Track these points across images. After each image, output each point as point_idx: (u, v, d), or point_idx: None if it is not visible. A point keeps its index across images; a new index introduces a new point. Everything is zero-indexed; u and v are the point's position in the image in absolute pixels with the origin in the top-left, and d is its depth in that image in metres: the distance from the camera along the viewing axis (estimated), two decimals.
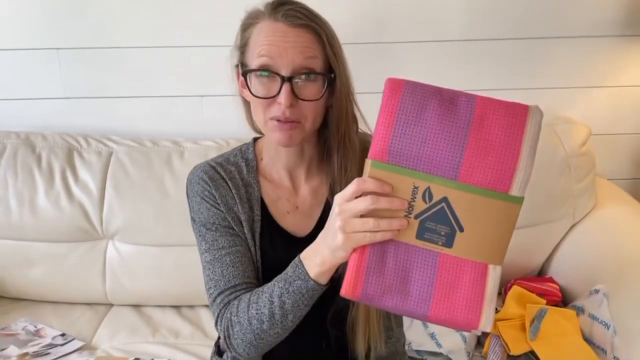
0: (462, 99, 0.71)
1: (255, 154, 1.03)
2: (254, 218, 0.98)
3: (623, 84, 1.75)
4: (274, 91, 0.88)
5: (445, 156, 0.70)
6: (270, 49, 0.87)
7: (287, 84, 0.86)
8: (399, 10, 1.66)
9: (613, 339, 1.26)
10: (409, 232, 0.71)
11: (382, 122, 0.71)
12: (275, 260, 0.93)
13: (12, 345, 1.42)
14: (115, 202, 1.56)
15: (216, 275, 0.94)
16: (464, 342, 1.36)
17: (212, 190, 0.97)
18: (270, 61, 0.87)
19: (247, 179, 1.00)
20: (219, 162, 1.02)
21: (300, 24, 0.88)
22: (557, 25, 1.69)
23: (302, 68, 0.88)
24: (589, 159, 1.64)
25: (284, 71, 0.87)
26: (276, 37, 0.88)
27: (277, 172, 1.02)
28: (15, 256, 1.59)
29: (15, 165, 1.57)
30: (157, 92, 1.75)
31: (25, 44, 1.69)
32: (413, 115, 0.70)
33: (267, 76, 0.88)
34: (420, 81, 0.73)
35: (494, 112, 0.70)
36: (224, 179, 0.99)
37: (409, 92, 0.71)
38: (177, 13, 1.66)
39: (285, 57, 0.87)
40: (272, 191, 1.01)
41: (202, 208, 0.98)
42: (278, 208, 1.01)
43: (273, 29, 0.89)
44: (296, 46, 0.87)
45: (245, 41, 0.93)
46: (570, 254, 1.60)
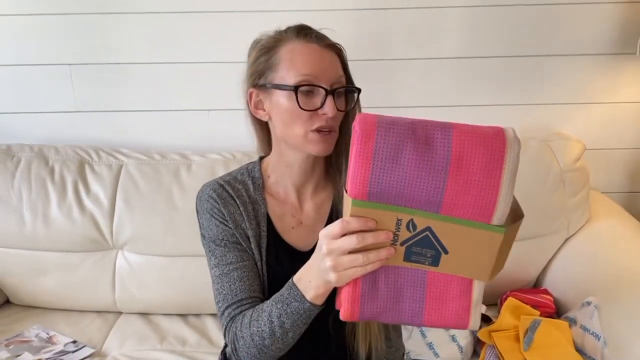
0: (438, 137, 0.69)
1: (262, 172, 1.09)
2: (261, 234, 1.04)
3: (617, 101, 1.80)
4: (317, 104, 0.96)
5: (426, 195, 0.69)
6: (312, 66, 0.96)
7: (330, 96, 0.95)
8: (398, 28, 1.72)
9: (603, 350, 1.31)
10: (396, 256, 0.76)
11: (358, 164, 0.69)
12: (281, 274, 0.98)
13: (26, 351, 1.48)
14: (125, 214, 1.62)
15: (224, 290, 0.99)
16: (460, 352, 1.42)
17: (221, 208, 1.03)
18: (314, 78, 0.95)
19: (254, 197, 1.06)
20: (226, 181, 1.07)
21: (329, 45, 0.99)
22: (552, 43, 1.74)
23: (336, 83, 0.97)
24: (583, 174, 1.69)
25: (325, 84, 0.96)
26: (314, 57, 0.97)
27: (284, 189, 1.08)
28: (28, 265, 1.64)
29: (29, 177, 1.63)
30: (166, 107, 1.81)
31: (39, 60, 1.76)
32: (389, 160, 0.69)
33: (309, 91, 0.96)
34: (390, 115, 0.71)
35: (472, 148, 0.68)
36: (232, 196, 1.04)
37: (382, 135, 0.68)
38: (184, 31, 1.73)
39: (325, 73, 0.96)
40: (277, 207, 1.07)
41: (212, 225, 1.03)
42: (283, 224, 1.06)
43: (309, 49, 0.97)
44: (331, 64, 0.98)
45: (273, 60, 0.99)
46: (565, 266, 1.65)
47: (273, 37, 1.01)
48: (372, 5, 1.70)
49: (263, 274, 1.03)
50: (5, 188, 1.61)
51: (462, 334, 1.44)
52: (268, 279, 1.03)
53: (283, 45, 0.98)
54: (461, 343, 1.42)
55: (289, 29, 1.01)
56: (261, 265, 1.03)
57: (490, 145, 0.68)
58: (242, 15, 1.70)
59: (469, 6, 1.70)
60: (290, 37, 0.99)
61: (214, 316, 1.66)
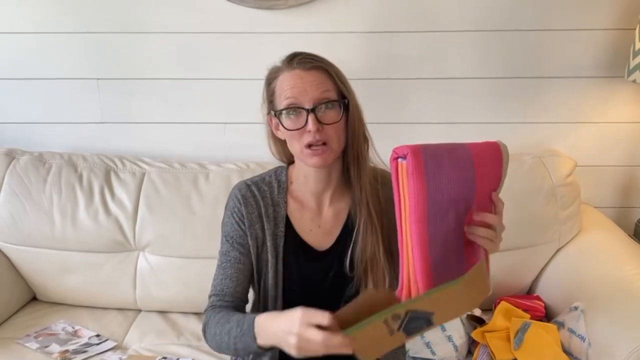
0: (459, 147, 0.93)
1: (287, 177, 1.23)
2: (278, 234, 1.18)
3: (607, 121, 1.91)
4: (302, 122, 1.08)
5: (464, 189, 0.91)
6: (293, 91, 1.09)
7: (311, 114, 1.07)
8: (405, 50, 1.84)
9: (588, 351, 1.41)
10: (401, 338, 0.89)
11: (414, 179, 0.88)
12: (296, 269, 1.15)
13: (54, 343, 1.59)
14: (147, 218, 1.73)
15: (217, 280, 1.19)
16: (455, 350, 1.52)
17: (242, 208, 1.18)
18: (295, 100, 1.09)
19: (277, 199, 1.20)
20: (255, 181, 1.23)
21: (312, 67, 1.11)
22: (547, 66, 1.85)
23: (320, 100, 1.09)
24: (574, 189, 1.80)
25: (307, 105, 1.08)
26: (296, 81, 1.10)
27: (304, 196, 1.21)
28: (56, 264, 1.76)
29: (60, 182, 1.75)
30: (185, 120, 1.94)
31: (69, 74, 1.90)
32: (436, 168, 0.89)
33: (294, 113, 1.09)
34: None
35: (482, 151, 0.94)
36: (256, 197, 1.19)
37: (425, 151, 0.89)
38: (202, 50, 1.85)
39: (306, 94, 1.08)
40: (297, 210, 1.20)
41: (229, 222, 1.20)
42: (302, 225, 1.20)
43: (292, 75, 1.11)
44: (312, 84, 1.09)
45: (271, 92, 1.16)
46: (556, 275, 1.75)
47: (273, 70, 1.16)
48: (381, 29, 1.82)
49: (278, 269, 1.16)
50: (37, 192, 1.73)
51: (457, 335, 1.54)
52: (284, 273, 1.17)
53: (278, 76, 1.13)
54: (456, 343, 1.53)
55: (283, 60, 1.15)
56: (276, 262, 1.16)
57: (492, 147, 0.96)
58: (256, 36, 1.83)
59: (470, 31, 1.82)
60: (283, 68, 1.13)
61: None
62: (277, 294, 1.18)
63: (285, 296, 1.18)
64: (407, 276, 0.91)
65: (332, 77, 1.12)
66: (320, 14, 1.80)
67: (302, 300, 1.10)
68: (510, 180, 1.71)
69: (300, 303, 1.10)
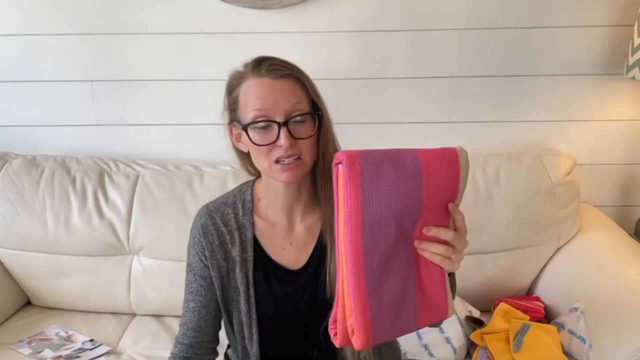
0: (407, 154, 0.81)
1: (253, 195, 1.13)
2: (247, 258, 1.10)
3: (606, 119, 1.89)
4: (273, 137, 0.97)
5: (409, 202, 0.80)
6: (262, 101, 0.97)
7: (284, 127, 0.96)
8: (399, 49, 1.82)
9: (589, 352, 1.39)
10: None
11: (349, 189, 0.77)
12: (268, 294, 1.08)
13: (47, 348, 1.58)
14: (141, 221, 1.72)
15: (183, 309, 1.15)
16: (454, 352, 1.50)
17: (202, 239, 1.10)
18: (265, 112, 0.97)
19: (242, 221, 1.11)
20: (217, 207, 1.13)
21: (282, 75, 0.99)
22: (545, 64, 1.84)
23: (292, 112, 0.98)
24: (574, 188, 1.78)
25: (278, 118, 0.97)
26: (265, 91, 0.98)
27: (274, 212, 1.11)
28: (50, 268, 1.75)
29: (53, 185, 1.73)
30: (180, 121, 1.92)
31: (63, 77, 1.88)
32: (375, 176, 0.78)
33: (264, 126, 0.98)
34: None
35: (434, 158, 0.82)
36: (217, 224, 1.10)
37: (364, 158, 0.78)
38: (197, 51, 1.84)
39: (276, 106, 0.97)
40: (266, 230, 1.11)
41: (192, 252, 1.13)
42: (273, 245, 1.10)
43: (260, 84, 0.98)
44: (284, 94, 0.98)
45: (234, 100, 1.03)
46: (555, 275, 1.73)
47: (235, 75, 1.04)
48: (371, 28, 1.80)
49: (250, 296, 1.10)
50: (30, 196, 1.72)
51: (456, 337, 1.52)
52: (256, 298, 1.10)
53: (242, 83, 1.01)
54: (455, 345, 1.51)
55: (248, 63, 1.02)
56: (247, 288, 1.09)
57: (447, 154, 0.83)
58: (250, 36, 1.81)
59: (466, 29, 1.80)
60: (247, 73, 1.01)
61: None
62: (251, 320, 1.11)
63: (260, 323, 1.11)
64: (342, 303, 0.82)
65: (304, 87, 1.01)
66: (314, 13, 1.78)
67: (277, 325, 1.10)
68: (508, 180, 1.73)
69: (276, 328, 1.08)
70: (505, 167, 1.75)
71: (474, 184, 1.73)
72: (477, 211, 1.71)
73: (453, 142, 1.96)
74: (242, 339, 1.13)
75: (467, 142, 1.86)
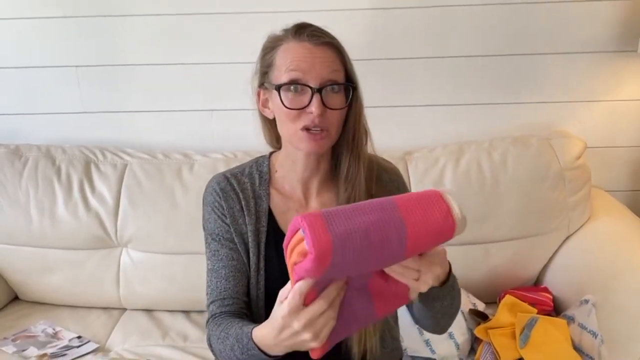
0: (394, 238, 0.67)
1: (270, 167, 1.11)
2: (260, 229, 1.07)
3: (618, 99, 1.80)
4: (305, 102, 0.96)
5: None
6: (300, 64, 0.96)
7: (317, 94, 0.95)
8: (407, 27, 1.74)
9: (600, 348, 1.31)
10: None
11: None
12: (278, 267, 1.04)
13: (32, 346, 1.52)
14: (129, 212, 1.65)
15: (212, 285, 1.05)
16: (457, 348, 1.43)
17: (222, 202, 1.07)
18: (300, 75, 0.96)
19: (258, 192, 1.09)
20: (234, 174, 1.11)
21: (323, 42, 0.98)
22: (553, 41, 1.75)
23: (328, 80, 0.96)
24: (584, 172, 1.69)
25: (312, 83, 0.95)
26: (304, 54, 0.97)
27: (290, 184, 1.09)
28: (35, 262, 1.69)
29: (36, 176, 1.67)
30: (169, 107, 1.84)
31: (46, 62, 1.80)
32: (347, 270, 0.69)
33: (296, 90, 0.97)
34: (340, 214, 0.66)
35: (425, 240, 0.70)
36: (235, 190, 1.08)
37: (338, 255, 0.64)
38: (187, 33, 1.76)
39: (313, 71, 0.96)
40: (282, 203, 1.09)
41: (211, 218, 1.08)
42: (287, 219, 1.08)
43: (300, 47, 0.97)
44: (323, 61, 0.97)
45: (269, 62, 1.01)
46: (565, 265, 1.65)
47: (273, 38, 1.03)
48: (380, 6, 1.71)
49: (260, 268, 1.06)
50: (13, 187, 1.65)
51: (459, 332, 1.45)
52: (265, 272, 1.06)
53: (280, 45, 1.00)
54: (458, 340, 1.43)
55: (287, 29, 1.01)
56: (257, 260, 1.06)
57: (441, 233, 0.70)
58: (245, 17, 1.73)
59: (471, 5, 1.71)
60: (287, 36, 1.00)
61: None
62: (259, 294, 1.07)
63: (267, 298, 1.06)
64: None
65: (342, 58, 1.00)
66: None
67: None
68: (515, 164, 1.64)
69: None
70: (512, 151, 1.67)
71: (479, 169, 1.65)
72: (482, 198, 1.63)
73: (458, 125, 1.89)
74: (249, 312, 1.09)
75: (473, 125, 1.81)
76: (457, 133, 1.81)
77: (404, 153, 1.71)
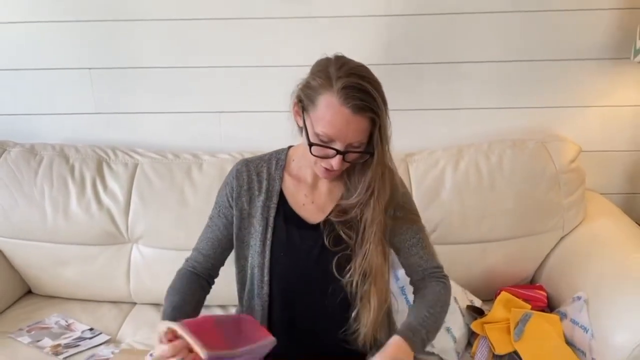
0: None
1: (287, 156, 1.28)
2: (270, 205, 1.23)
3: (613, 104, 1.85)
4: (329, 154, 1.09)
5: None
6: (334, 131, 1.06)
7: (340, 155, 1.08)
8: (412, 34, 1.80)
9: (591, 342, 1.36)
10: None
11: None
12: (285, 235, 1.20)
13: (46, 337, 1.58)
14: (140, 210, 1.71)
15: (200, 237, 1.30)
16: (454, 342, 1.48)
17: (233, 181, 1.25)
18: (332, 139, 1.07)
19: (273, 175, 1.25)
20: (254, 160, 1.29)
21: (361, 111, 1.05)
22: (550, 49, 1.80)
23: (354, 145, 1.09)
24: (579, 175, 1.74)
25: (339, 146, 1.07)
26: (341, 123, 1.05)
27: (304, 172, 1.25)
28: (49, 257, 1.75)
29: (51, 174, 1.73)
30: (179, 109, 1.90)
31: (61, 64, 1.87)
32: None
33: (324, 143, 1.09)
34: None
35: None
36: (250, 172, 1.25)
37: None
38: (197, 38, 1.82)
39: (343, 138, 1.07)
40: (293, 186, 1.25)
41: (222, 192, 1.28)
42: (296, 200, 1.24)
43: (340, 113, 1.05)
44: (355, 131, 1.07)
45: (314, 99, 1.08)
46: (559, 264, 1.70)
47: (324, 76, 1.07)
48: (383, 13, 1.77)
49: (267, 238, 1.22)
50: (28, 185, 1.71)
51: (456, 326, 1.50)
52: (272, 240, 1.21)
53: (326, 92, 1.06)
54: (455, 334, 1.49)
55: (339, 78, 1.05)
56: (264, 230, 1.22)
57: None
58: (253, 22, 1.79)
59: (473, 13, 1.76)
60: (335, 89, 1.04)
61: (222, 307, 1.75)
62: (264, 262, 1.21)
63: (272, 266, 1.21)
64: None
65: (374, 126, 1.09)
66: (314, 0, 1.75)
67: (287, 269, 1.21)
68: (512, 167, 1.70)
69: (286, 272, 1.21)
70: (509, 154, 1.73)
71: (478, 171, 1.71)
72: (480, 199, 1.68)
73: (457, 128, 1.94)
74: (251, 285, 1.24)
75: (472, 129, 1.87)
76: (457, 136, 1.87)
77: (406, 155, 1.77)
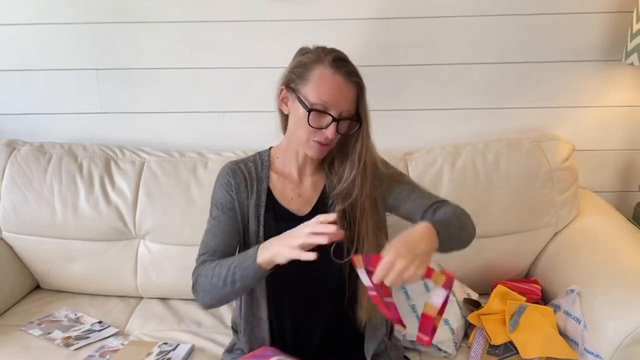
0: None
1: (270, 156, 1.36)
2: (260, 204, 1.29)
3: (606, 105, 1.90)
4: (323, 124, 1.19)
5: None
6: (331, 97, 1.17)
7: (335, 123, 1.18)
8: (402, 36, 1.84)
9: (583, 333, 1.42)
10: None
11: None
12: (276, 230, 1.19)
13: (57, 330, 1.62)
14: (146, 206, 1.76)
15: (206, 241, 1.28)
16: (452, 333, 1.53)
17: (231, 179, 1.30)
18: (328, 105, 1.17)
19: (260, 175, 1.32)
20: (241, 160, 1.36)
21: (353, 81, 1.19)
22: (545, 51, 1.85)
23: (345, 112, 1.19)
24: (572, 173, 1.80)
25: (334, 113, 1.17)
26: (336, 89, 1.17)
27: (289, 168, 1.33)
28: (58, 253, 1.79)
29: (60, 172, 1.77)
30: (184, 109, 1.95)
31: (68, 65, 1.91)
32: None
33: (320, 112, 1.17)
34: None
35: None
36: (243, 172, 1.31)
37: None
38: (202, 39, 1.86)
39: (339, 104, 1.17)
40: (279, 183, 1.32)
41: (219, 192, 1.31)
42: (284, 195, 1.31)
43: (335, 80, 1.17)
44: (347, 98, 1.19)
45: (302, 74, 1.19)
46: (553, 258, 1.75)
47: (313, 55, 1.21)
48: (380, 15, 1.82)
49: (260, 236, 1.27)
50: (38, 182, 1.76)
51: (454, 318, 1.56)
52: (264, 235, 1.27)
53: (318, 66, 1.18)
54: (453, 326, 1.54)
55: (328, 54, 1.19)
56: (257, 228, 1.28)
57: None
58: (255, 25, 1.83)
59: (466, 16, 1.81)
60: (326, 62, 1.18)
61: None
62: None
63: None
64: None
65: (361, 96, 1.21)
66: (320, 1, 1.80)
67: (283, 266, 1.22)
68: (508, 165, 1.75)
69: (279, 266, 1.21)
70: (505, 153, 1.78)
71: (474, 169, 1.76)
72: (477, 196, 1.73)
73: (455, 128, 2.00)
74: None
75: (469, 128, 1.93)
76: (454, 135, 1.92)
77: (404, 153, 1.82)
